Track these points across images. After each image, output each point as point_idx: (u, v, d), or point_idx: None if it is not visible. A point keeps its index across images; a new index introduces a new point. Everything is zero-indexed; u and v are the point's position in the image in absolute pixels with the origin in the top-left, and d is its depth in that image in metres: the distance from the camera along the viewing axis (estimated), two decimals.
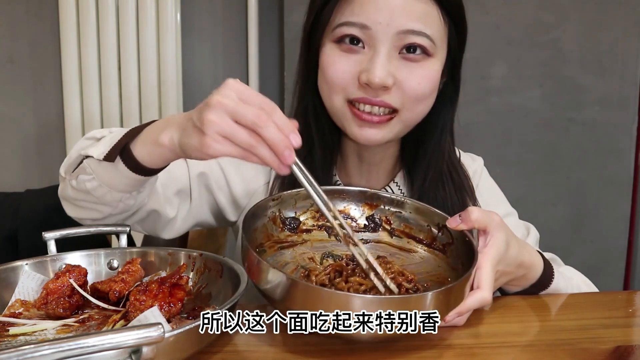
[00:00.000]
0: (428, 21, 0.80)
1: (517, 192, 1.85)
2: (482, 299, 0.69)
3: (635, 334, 0.76)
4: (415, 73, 0.81)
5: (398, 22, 0.78)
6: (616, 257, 1.93)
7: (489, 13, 1.74)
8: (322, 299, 0.60)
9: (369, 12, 0.78)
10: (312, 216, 0.84)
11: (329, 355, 0.66)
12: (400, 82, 0.81)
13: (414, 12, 0.79)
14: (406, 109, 0.83)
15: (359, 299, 0.60)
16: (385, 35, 0.79)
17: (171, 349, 0.58)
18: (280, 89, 1.86)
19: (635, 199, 1.91)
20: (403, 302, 0.61)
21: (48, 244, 0.84)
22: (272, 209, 0.80)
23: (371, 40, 0.80)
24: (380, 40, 0.79)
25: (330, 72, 0.82)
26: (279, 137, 0.59)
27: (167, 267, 0.83)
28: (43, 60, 1.81)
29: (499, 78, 1.77)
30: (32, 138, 1.86)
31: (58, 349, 0.48)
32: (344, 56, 0.82)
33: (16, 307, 0.74)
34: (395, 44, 0.80)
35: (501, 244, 0.73)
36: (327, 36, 0.83)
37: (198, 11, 1.82)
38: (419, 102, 0.83)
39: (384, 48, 0.79)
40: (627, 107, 1.84)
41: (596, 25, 1.78)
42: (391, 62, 0.80)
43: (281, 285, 0.62)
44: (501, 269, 0.75)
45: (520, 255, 0.77)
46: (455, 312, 0.66)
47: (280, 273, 0.62)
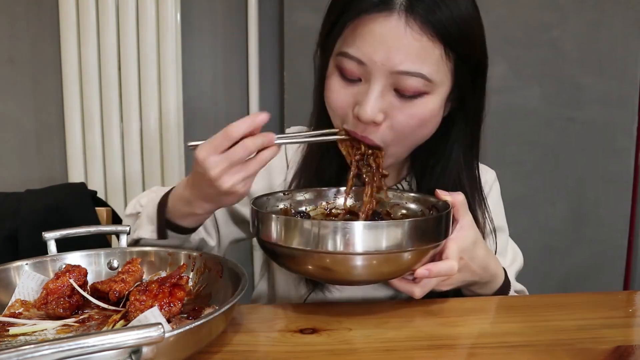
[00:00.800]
0: (426, 59, 0.78)
1: (517, 192, 1.86)
2: (450, 265, 0.75)
3: (635, 334, 0.76)
4: (406, 111, 0.80)
5: (393, 63, 0.77)
6: (616, 257, 1.93)
7: (489, 13, 1.74)
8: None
9: (366, 48, 0.78)
10: (321, 212, 0.90)
11: (329, 355, 0.66)
12: (390, 118, 0.81)
13: (411, 51, 0.77)
14: (393, 145, 0.84)
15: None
16: (379, 73, 0.78)
17: (171, 349, 0.58)
18: (280, 89, 1.86)
19: (635, 199, 1.91)
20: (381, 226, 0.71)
21: (48, 244, 0.84)
22: (283, 202, 0.88)
23: (367, 75, 0.80)
24: (375, 77, 0.79)
25: (331, 100, 0.84)
26: (267, 154, 0.75)
27: (167, 267, 0.83)
28: (43, 60, 1.81)
29: (498, 78, 1.77)
30: (32, 138, 1.86)
31: (58, 349, 0.48)
32: (343, 86, 0.83)
33: (16, 307, 0.74)
34: (389, 81, 0.79)
35: (468, 237, 0.80)
36: (333, 60, 0.84)
37: (198, 11, 1.82)
38: (405, 137, 0.83)
39: (377, 85, 0.79)
40: (626, 107, 1.84)
41: (596, 25, 1.78)
42: (384, 97, 0.80)
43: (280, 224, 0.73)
44: (466, 261, 0.80)
45: (486, 259, 0.84)
46: (426, 269, 0.74)
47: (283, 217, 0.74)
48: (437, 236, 0.75)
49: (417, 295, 0.78)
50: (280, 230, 0.73)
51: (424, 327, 0.75)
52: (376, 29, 0.77)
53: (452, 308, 0.81)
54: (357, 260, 0.71)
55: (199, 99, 1.85)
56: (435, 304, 0.81)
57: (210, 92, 1.85)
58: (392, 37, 0.76)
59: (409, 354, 0.67)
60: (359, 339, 0.70)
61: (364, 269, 0.72)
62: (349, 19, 0.79)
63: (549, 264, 1.91)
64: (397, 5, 0.76)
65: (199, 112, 1.85)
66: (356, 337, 0.71)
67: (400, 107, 0.80)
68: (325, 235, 0.69)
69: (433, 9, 0.76)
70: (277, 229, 0.73)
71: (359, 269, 0.72)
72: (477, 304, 0.83)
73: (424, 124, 0.83)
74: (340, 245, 0.69)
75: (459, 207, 0.81)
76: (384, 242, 0.70)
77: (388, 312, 0.79)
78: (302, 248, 0.71)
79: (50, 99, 1.83)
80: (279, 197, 0.88)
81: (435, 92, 0.81)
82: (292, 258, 0.74)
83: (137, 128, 1.76)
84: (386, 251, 0.70)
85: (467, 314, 0.79)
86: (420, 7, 0.76)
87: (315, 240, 0.70)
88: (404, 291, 0.78)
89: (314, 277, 0.80)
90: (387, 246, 0.70)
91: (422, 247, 0.73)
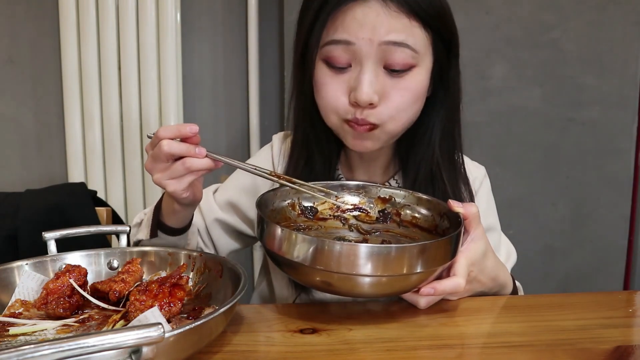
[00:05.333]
0: (409, 32, 0.82)
1: (517, 192, 1.86)
2: (456, 284, 0.76)
3: (635, 334, 0.76)
4: (399, 87, 0.85)
5: (379, 34, 0.81)
6: (616, 257, 1.93)
7: (489, 13, 1.74)
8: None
9: (352, 29, 0.82)
10: (329, 207, 0.90)
11: (329, 355, 0.66)
12: (385, 97, 0.85)
13: (395, 26, 0.82)
14: (389, 122, 0.87)
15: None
16: (369, 48, 0.82)
17: (171, 349, 0.58)
18: (280, 89, 1.86)
19: (635, 199, 1.91)
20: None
21: (48, 244, 0.84)
22: (291, 197, 0.89)
23: (357, 56, 0.83)
24: (365, 54, 0.83)
25: (324, 94, 0.87)
26: (197, 164, 0.80)
27: (167, 267, 0.83)
28: (43, 60, 1.81)
29: (499, 78, 1.77)
30: (32, 138, 1.86)
31: (58, 349, 0.48)
32: (334, 77, 0.86)
33: (16, 307, 0.74)
34: (379, 57, 0.83)
35: (478, 249, 0.81)
36: (318, 54, 0.87)
37: (198, 11, 1.82)
38: (400, 113, 0.87)
39: (369, 63, 0.83)
40: (627, 107, 1.84)
41: (596, 25, 1.78)
42: (377, 78, 0.84)
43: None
44: (475, 273, 0.81)
45: (496, 269, 0.85)
46: (431, 287, 0.74)
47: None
48: (446, 257, 0.74)
49: (421, 306, 0.78)
50: (284, 243, 0.72)
51: (424, 327, 0.75)
52: (357, 14, 0.82)
53: (452, 308, 0.81)
54: (362, 280, 0.70)
55: (199, 99, 1.85)
56: (436, 304, 0.81)
57: (210, 92, 1.85)
58: (374, 17, 0.81)
59: (409, 354, 0.67)
60: (359, 339, 0.70)
61: (369, 288, 0.71)
62: (331, 10, 0.83)
63: (549, 264, 1.91)
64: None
65: (199, 112, 1.85)
66: (356, 337, 0.71)
67: (393, 84, 0.84)
68: (331, 254, 0.68)
69: None
70: (281, 240, 0.72)
71: (364, 287, 0.71)
72: (477, 304, 0.83)
73: (417, 97, 0.87)
74: (345, 267, 0.68)
75: (472, 219, 0.81)
76: (392, 266, 0.69)
77: (388, 312, 0.79)
78: (307, 265, 0.70)
79: (50, 99, 1.83)
80: (285, 192, 0.88)
81: (421, 64, 0.85)
82: (295, 269, 0.73)
83: (137, 128, 1.76)
84: (394, 275, 0.69)
85: (468, 314, 0.79)
86: None
87: (320, 258, 0.69)
88: (409, 301, 0.79)
89: (316, 288, 0.79)
90: (395, 270, 0.69)
91: (430, 270, 0.72)
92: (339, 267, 0.68)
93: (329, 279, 0.70)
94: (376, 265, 0.68)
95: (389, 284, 0.71)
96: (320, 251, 0.68)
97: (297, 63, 0.92)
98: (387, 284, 0.71)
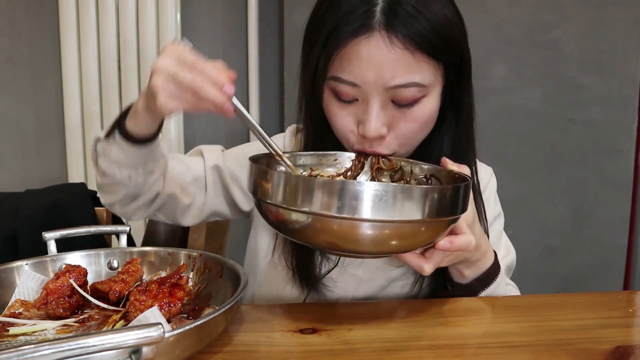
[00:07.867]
0: (415, 68, 0.79)
1: (517, 192, 1.86)
2: (468, 240, 0.74)
3: (635, 334, 0.76)
4: (408, 119, 0.83)
5: (385, 80, 0.79)
6: (616, 257, 1.93)
7: (489, 13, 1.74)
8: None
9: (357, 71, 0.79)
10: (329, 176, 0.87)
11: (329, 355, 0.66)
12: (393, 127, 0.83)
13: (399, 65, 0.78)
14: (400, 149, 0.86)
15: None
16: (374, 91, 0.80)
17: (171, 349, 0.58)
18: (280, 89, 1.86)
19: (635, 199, 1.91)
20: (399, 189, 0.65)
21: (48, 244, 0.84)
22: (283, 167, 0.82)
23: (363, 95, 0.81)
24: (371, 95, 0.81)
25: (334, 123, 0.86)
26: (213, 93, 0.69)
27: (167, 267, 0.84)
28: (43, 60, 1.81)
29: (499, 78, 1.77)
30: (32, 138, 1.86)
31: (58, 349, 0.48)
32: (342, 108, 0.84)
33: (16, 307, 0.74)
34: (386, 96, 0.81)
35: (470, 213, 0.79)
36: (325, 84, 0.84)
37: (198, 11, 1.82)
38: (410, 140, 0.86)
39: (375, 102, 0.81)
40: (627, 107, 1.84)
41: (596, 25, 1.78)
42: (385, 111, 0.82)
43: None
44: None
45: (481, 237, 0.83)
46: (448, 241, 0.72)
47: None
48: (455, 208, 0.69)
49: (426, 271, 0.74)
50: (278, 188, 0.66)
51: (424, 327, 0.74)
52: (362, 51, 0.78)
53: (452, 308, 0.81)
54: (365, 229, 0.64)
55: None
56: (436, 304, 0.81)
57: None
58: (378, 56, 0.78)
59: (409, 354, 0.67)
60: (359, 339, 0.70)
61: (373, 240, 0.66)
62: (334, 48, 0.80)
63: (549, 264, 1.91)
64: (375, 24, 0.77)
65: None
66: (356, 337, 0.71)
67: (401, 116, 0.82)
68: (332, 192, 0.62)
69: (410, 22, 0.77)
70: (276, 187, 0.66)
71: (368, 239, 0.65)
72: (477, 304, 0.83)
73: (426, 124, 0.85)
74: (347, 210, 0.62)
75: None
76: (399, 209, 0.63)
77: (388, 312, 0.79)
78: (305, 210, 0.64)
79: (50, 99, 1.83)
80: (277, 161, 0.81)
81: (430, 93, 0.83)
82: (291, 221, 0.67)
83: None
84: (401, 220, 0.64)
85: (467, 314, 0.79)
86: (397, 23, 0.77)
87: (318, 201, 0.63)
88: (413, 266, 0.75)
89: (317, 245, 0.72)
90: (404, 214, 0.64)
91: (440, 220, 0.68)
92: (341, 210, 0.62)
93: (329, 226, 0.64)
94: (384, 207, 0.62)
95: (395, 233, 0.66)
96: (323, 188, 0.63)
97: (306, 91, 0.89)
98: (394, 234, 0.66)
